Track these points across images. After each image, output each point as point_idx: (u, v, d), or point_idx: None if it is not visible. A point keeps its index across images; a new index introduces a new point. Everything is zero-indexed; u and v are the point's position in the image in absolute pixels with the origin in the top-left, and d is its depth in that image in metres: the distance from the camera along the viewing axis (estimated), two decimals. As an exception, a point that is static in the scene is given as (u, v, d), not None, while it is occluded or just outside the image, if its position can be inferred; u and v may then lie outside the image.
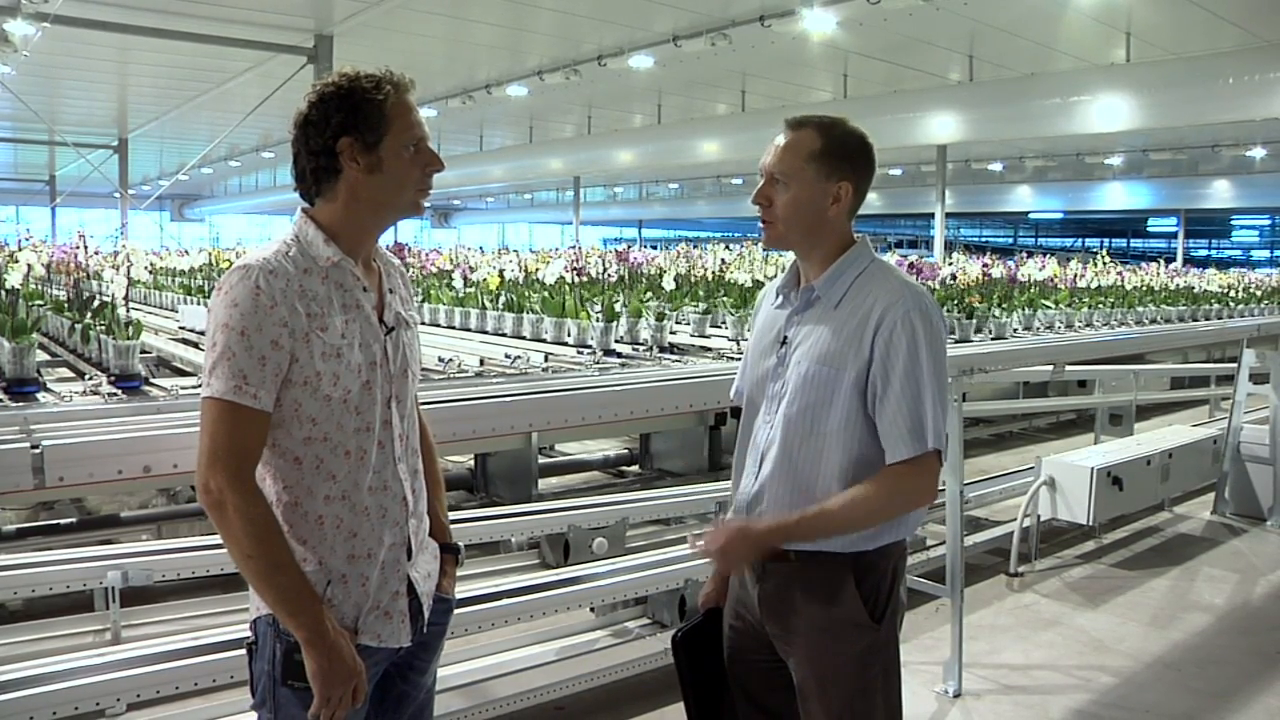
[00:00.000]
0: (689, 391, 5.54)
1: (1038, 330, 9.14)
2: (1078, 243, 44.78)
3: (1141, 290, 12.53)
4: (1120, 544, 6.10)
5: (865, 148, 2.15)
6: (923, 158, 22.76)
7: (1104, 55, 13.37)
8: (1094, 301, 10.67)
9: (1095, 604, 5.10)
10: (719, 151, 18.82)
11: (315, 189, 1.90)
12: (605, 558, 4.45)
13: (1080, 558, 5.83)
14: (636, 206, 43.18)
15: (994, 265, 10.99)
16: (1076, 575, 5.54)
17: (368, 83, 1.86)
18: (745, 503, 2.19)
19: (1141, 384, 8.40)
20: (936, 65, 15.17)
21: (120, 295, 5.73)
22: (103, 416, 4.29)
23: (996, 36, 13.24)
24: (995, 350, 7.62)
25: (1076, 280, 11.54)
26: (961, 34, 13.41)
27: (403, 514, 1.96)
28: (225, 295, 1.79)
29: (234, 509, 1.74)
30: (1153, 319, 10.86)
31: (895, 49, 14.05)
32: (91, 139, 21.86)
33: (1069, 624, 4.83)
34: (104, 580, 3.53)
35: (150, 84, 17.82)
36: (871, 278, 2.11)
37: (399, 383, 1.96)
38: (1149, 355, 10.18)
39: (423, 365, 2.59)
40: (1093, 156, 24.58)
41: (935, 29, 12.83)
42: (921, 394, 2.01)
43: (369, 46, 13.70)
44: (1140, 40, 12.94)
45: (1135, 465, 6.01)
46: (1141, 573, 5.58)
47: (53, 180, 30.57)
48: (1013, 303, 9.51)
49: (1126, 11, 12.05)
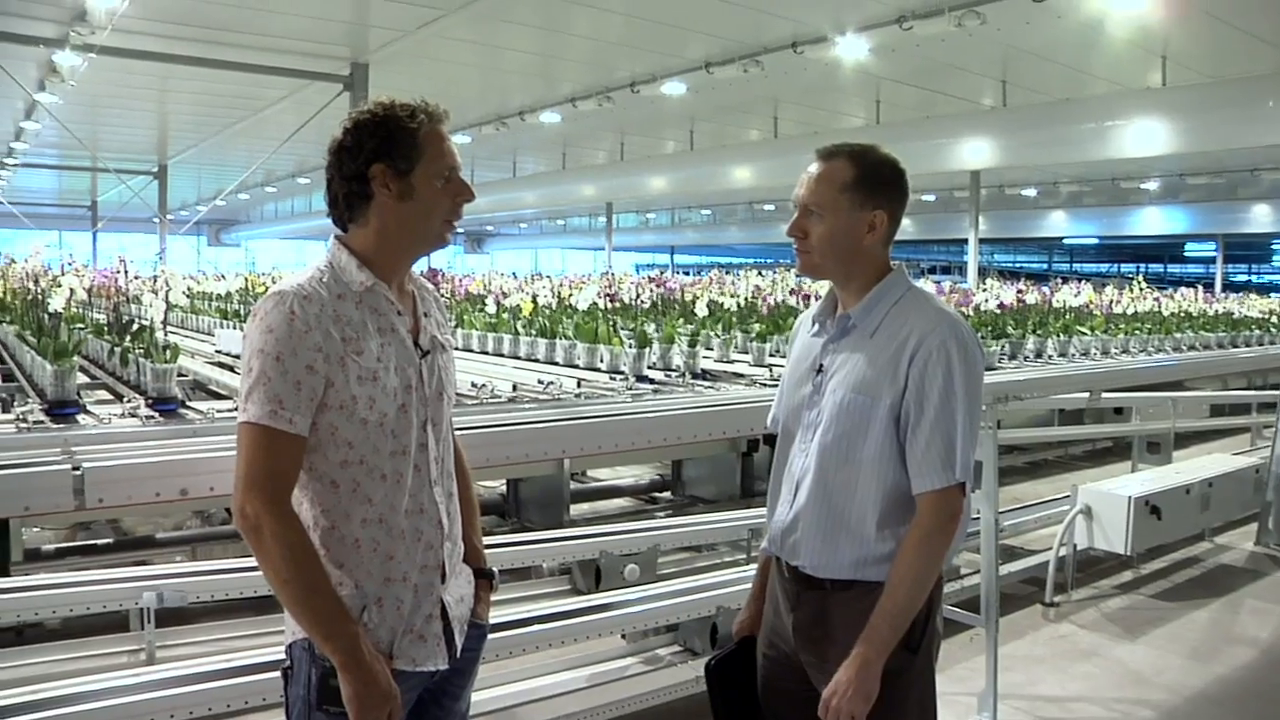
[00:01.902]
0: (722, 418, 5.53)
1: (1073, 357, 9.06)
2: (1113, 268, 44.42)
3: (1179, 316, 12.39)
4: (1159, 574, 6.00)
5: (899, 175, 2.15)
6: (956, 183, 22.70)
7: (1140, 79, 13.29)
8: (1130, 328, 10.57)
9: (1134, 636, 5.01)
10: (751, 177, 18.85)
11: (347, 214, 1.92)
12: (637, 584, 4.44)
13: (1118, 588, 5.74)
14: (669, 232, 43.29)
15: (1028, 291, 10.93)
16: (1114, 606, 5.45)
17: (402, 111, 1.88)
18: (780, 531, 2.19)
19: (1180, 411, 8.28)
20: (970, 90, 15.13)
21: (159, 319, 5.81)
22: (140, 439, 4.35)
23: (1030, 61, 13.20)
24: (1031, 377, 7.56)
25: (1112, 306, 11.45)
26: (995, 59, 13.38)
27: (438, 537, 1.96)
28: (260, 321, 1.82)
29: (270, 533, 1.76)
30: (1191, 345, 10.73)
31: (928, 74, 14.03)
32: (132, 165, 22.28)
33: (1107, 655, 4.75)
34: (139, 601, 3.57)
35: (190, 112, 18.14)
36: (908, 305, 2.11)
37: (434, 406, 1.97)
38: (1188, 382, 10.05)
39: (457, 390, 2.60)
40: (1128, 181, 24.40)
41: (968, 54, 12.81)
42: (954, 425, 2.01)
43: (404, 74, 13.85)
44: (1177, 64, 12.83)
45: (1174, 494, 5.92)
46: (1182, 604, 5.49)
47: (94, 205, 31.15)
48: (1048, 329, 9.43)
49: (1163, 35, 11.96)
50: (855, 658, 1.99)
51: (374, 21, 12.14)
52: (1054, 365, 8.57)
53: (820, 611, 2.13)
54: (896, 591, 2.01)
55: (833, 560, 2.10)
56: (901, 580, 2.01)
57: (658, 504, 6.98)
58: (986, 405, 4.49)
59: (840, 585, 2.09)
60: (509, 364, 7.25)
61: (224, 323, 9.61)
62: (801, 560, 2.14)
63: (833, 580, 2.10)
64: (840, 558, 2.09)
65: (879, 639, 1.99)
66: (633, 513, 6.74)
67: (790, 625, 2.18)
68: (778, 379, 2.38)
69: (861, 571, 2.07)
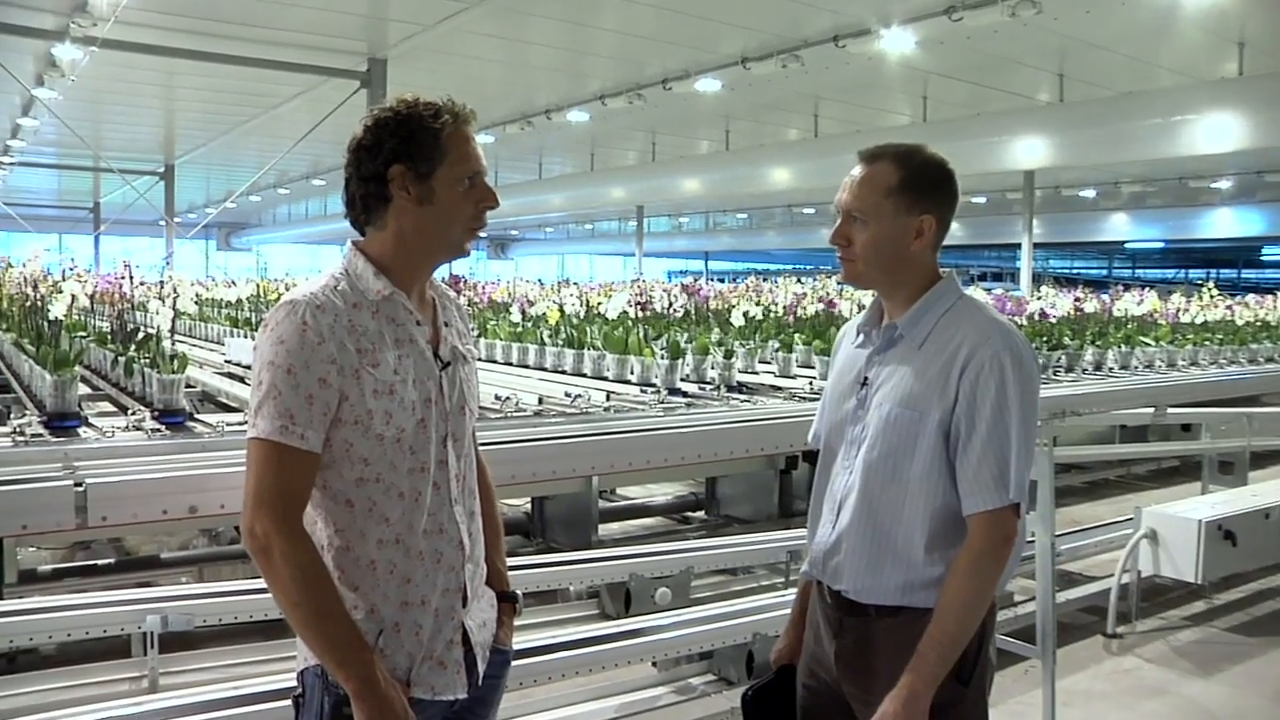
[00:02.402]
0: (759, 433, 5.52)
1: (1136, 369, 8.98)
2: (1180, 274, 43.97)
3: (1255, 325, 12.23)
4: (1235, 606, 5.90)
5: (947, 176, 2.14)
6: (1008, 184, 22.56)
7: (1212, 69, 13.15)
8: (1199, 338, 10.45)
9: (1208, 672, 4.92)
10: (790, 179, 18.83)
11: (364, 217, 1.93)
12: (669, 609, 4.43)
13: (1188, 620, 5.66)
14: (702, 237, 43.30)
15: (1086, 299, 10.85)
16: (1184, 639, 5.37)
17: (426, 110, 1.89)
18: (822, 553, 2.18)
19: (1256, 429, 8.17)
20: (1024, 85, 15.06)
21: (165, 327, 5.86)
22: (146, 453, 4.39)
23: (1089, 53, 13.11)
24: (1090, 391, 7.50)
25: (1179, 315, 11.33)
26: (1051, 51, 13.31)
27: (459, 559, 1.97)
28: (271, 332, 1.83)
29: (281, 554, 1.76)
30: (1269, 357, 10.59)
31: (979, 69, 13.98)
32: (137, 165, 22.56)
33: (1177, 693, 4.68)
34: (142, 624, 3.58)
35: (198, 109, 18.37)
36: (958, 315, 2.10)
37: (455, 420, 1.98)
38: (1264, 397, 9.92)
39: (480, 403, 2.61)
40: (1197, 180, 24.14)
41: (1022, 47, 12.75)
42: (1008, 441, 2.00)
43: (424, 70, 13.96)
44: (1256, 51, 12.62)
45: (1251, 518, 5.81)
46: (1262, 640, 5.37)
47: (97, 208, 31.59)
48: (1108, 339, 9.36)
49: (1239, 20, 11.77)
50: (902, 689, 1.97)
51: (393, 15, 12.26)
52: (1115, 378, 8.50)
53: (864, 639, 2.12)
54: (946, 619, 2.00)
55: (878, 585, 2.09)
56: (951, 607, 2.00)
57: (691, 524, 6.97)
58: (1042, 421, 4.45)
59: (886, 611, 2.08)
60: (534, 375, 7.28)
61: (234, 331, 9.70)
62: (844, 584, 2.14)
63: (878, 606, 2.09)
64: (886, 582, 2.08)
65: (927, 669, 1.98)
66: (664, 533, 6.74)
67: (832, 654, 2.17)
68: (818, 392, 2.37)
69: (908, 597, 2.06)
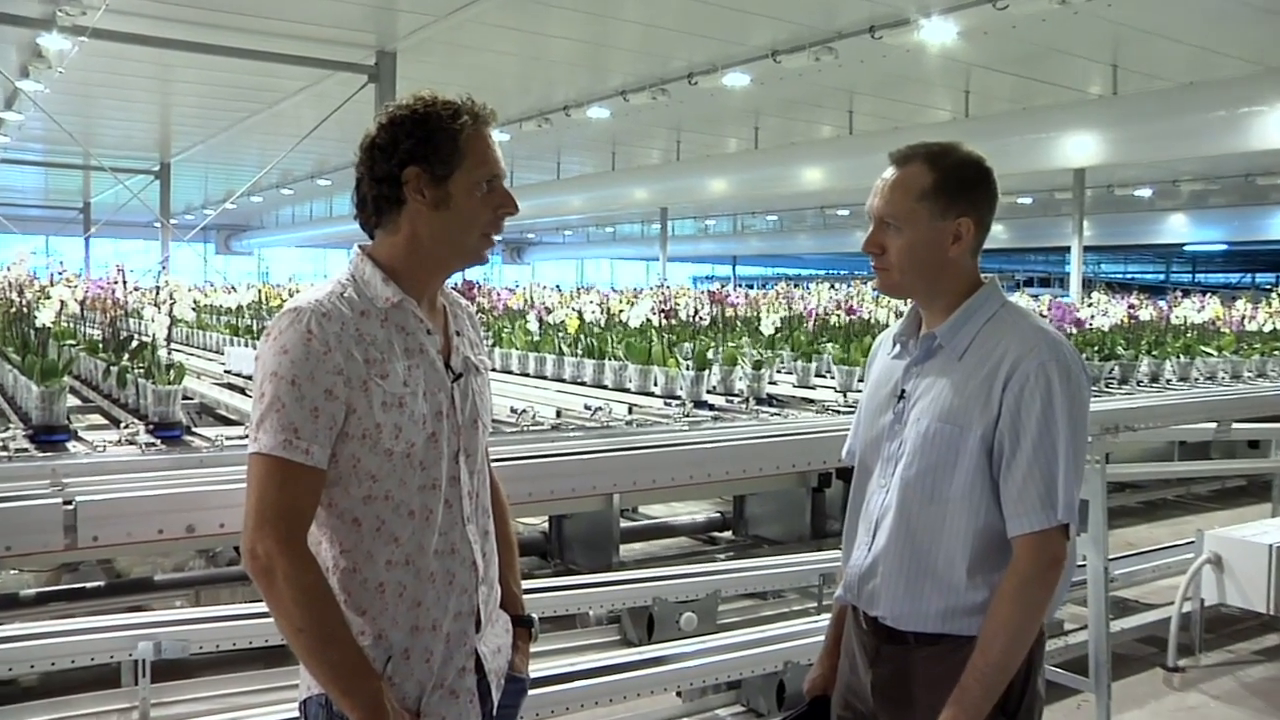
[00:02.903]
0: (790, 449, 5.52)
1: (1196, 381, 8.92)
2: (1245, 279, 43.67)
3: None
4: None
5: (984, 175, 2.15)
6: (1057, 183, 22.45)
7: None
8: (1267, 348, 10.37)
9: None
10: (823, 179, 18.79)
11: (375, 219, 1.94)
12: (694, 635, 4.43)
13: (1260, 654, 5.57)
14: (730, 240, 43.30)
15: (1142, 306, 10.79)
16: (1256, 675, 5.29)
17: (444, 109, 1.90)
18: (857, 577, 2.18)
19: (1333, 446, 8.10)
20: (1074, 77, 14.99)
21: (161, 335, 5.90)
22: (140, 469, 4.42)
23: (1146, 42, 13.01)
24: (1145, 404, 7.46)
25: (1244, 322, 11.25)
26: (1104, 40, 13.23)
27: (472, 581, 1.98)
28: (274, 341, 1.84)
29: (284, 576, 1.77)
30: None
31: (1026, 60, 13.94)
32: (130, 164, 22.69)
33: (1245, 733, 4.63)
34: (133, 652, 3.57)
35: (195, 104, 18.46)
36: (1001, 324, 2.10)
37: (468, 434, 1.99)
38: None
39: (495, 417, 2.62)
40: (1266, 177, 23.87)
41: (1073, 36, 12.69)
42: (1055, 458, 1.99)
43: (435, 64, 14.03)
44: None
45: (1326, 543, 5.76)
46: (1339, 676, 5.32)
47: (87, 208, 31.80)
48: (1165, 349, 9.31)
49: (1313, 1, 11.59)
50: None
51: (402, 5, 12.31)
52: (1173, 391, 8.46)
53: (903, 668, 2.11)
54: (990, 647, 1.99)
55: (917, 610, 2.09)
56: (996, 634, 1.99)
57: (718, 545, 6.97)
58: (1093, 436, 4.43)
59: (925, 639, 2.08)
60: (552, 387, 7.30)
61: (234, 339, 9.77)
62: (881, 610, 2.13)
63: (917, 633, 2.09)
64: (925, 608, 2.08)
65: (970, 701, 1.97)
66: (690, 554, 6.74)
67: (869, 684, 2.17)
68: (853, 405, 2.37)
69: (950, 624, 2.06)
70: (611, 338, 8.06)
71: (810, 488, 6.39)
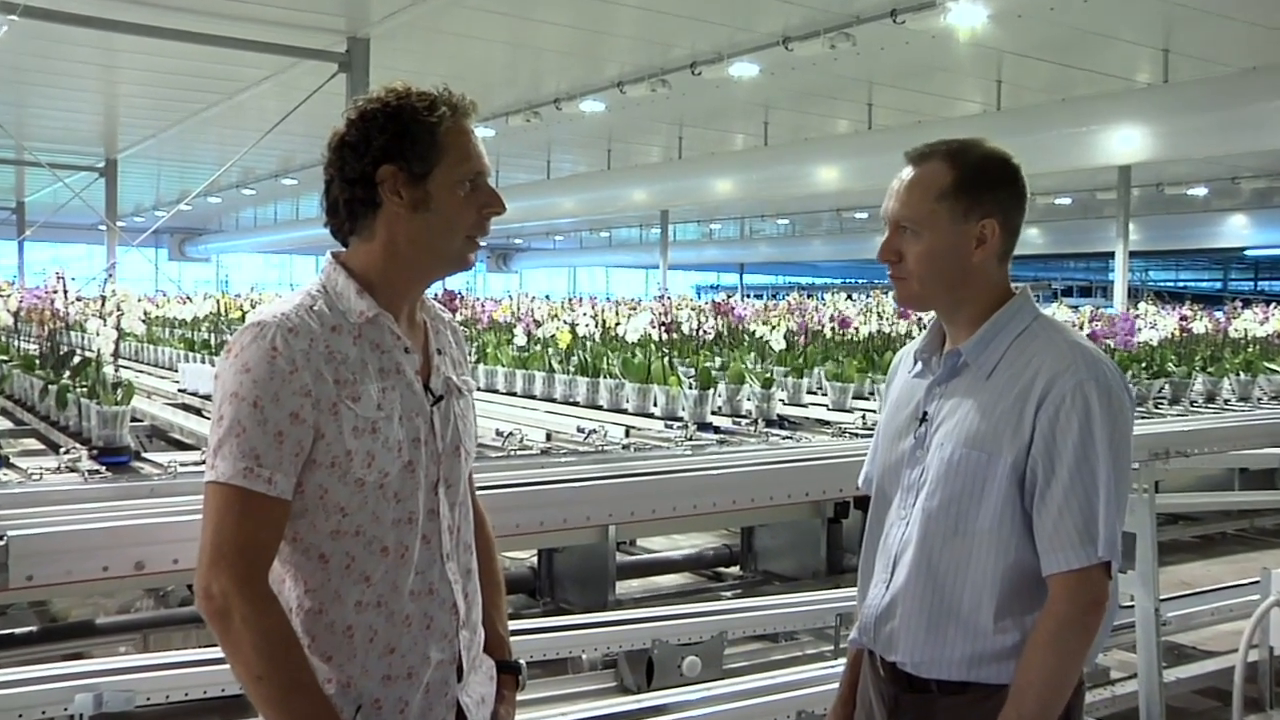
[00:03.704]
0: (803, 475, 5.52)
1: (1259, 401, 8.92)
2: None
3: None
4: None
5: (1010, 173, 2.16)
6: (1100, 182, 22.51)
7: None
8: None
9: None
10: (839, 179, 18.79)
11: (348, 225, 1.95)
12: (698, 681, 4.42)
13: (1340, 711, 5.55)
14: (737, 247, 43.39)
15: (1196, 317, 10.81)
16: (1334, 734, 5.28)
17: (420, 102, 1.91)
18: (874, 618, 2.18)
19: None
20: (1119, 64, 14.99)
21: (108, 350, 5.89)
22: (82, 500, 4.39)
23: (1203, 23, 12.92)
24: (1200, 427, 7.45)
25: (1316, 336, 11.24)
26: (1154, 23, 13.23)
27: (452, 624, 1.98)
28: (235, 358, 1.84)
29: (241, 619, 1.77)
30: None
31: (1065, 46, 13.95)
32: (71, 159, 22.54)
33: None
34: (70, 705, 3.48)
35: (145, 94, 18.38)
36: (1033, 339, 2.11)
37: (449, 463, 2.00)
38: None
39: (478, 440, 2.63)
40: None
41: (1118, 19, 12.70)
42: (1095, 488, 1.99)
43: (413, 52, 14.05)
44: None
45: None
46: None
47: (21, 208, 31.67)
48: (1222, 365, 9.32)
49: None
50: None
51: (376, -13, 12.34)
52: (1233, 412, 8.45)
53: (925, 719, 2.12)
54: (1023, 699, 2.00)
55: (940, 656, 2.09)
56: (1030, 684, 1.99)
57: (724, 581, 6.97)
58: (1140, 463, 4.44)
59: (950, 688, 2.08)
60: (542, 407, 7.31)
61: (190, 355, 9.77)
62: (900, 655, 2.14)
63: (940, 681, 2.09)
64: (949, 653, 2.08)
65: None
66: (693, 592, 6.73)
67: (888, 737, 2.17)
68: (871, 427, 2.38)
69: (977, 671, 2.06)
70: (607, 353, 8.07)
71: (826, 518, 6.38)
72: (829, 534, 6.47)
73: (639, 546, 7.18)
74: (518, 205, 24.00)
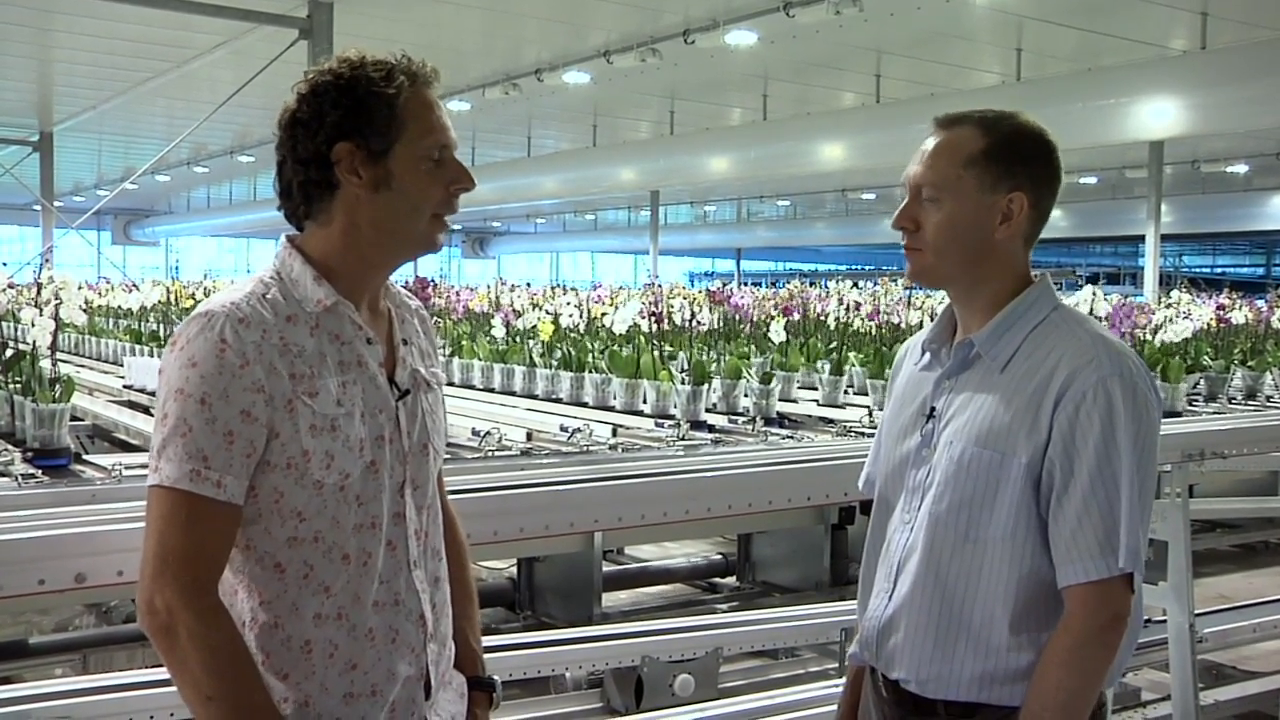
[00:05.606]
0: (805, 478, 5.53)
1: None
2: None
3: None
4: None
5: (1046, 150, 2.16)
6: (1129, 159, 22.56)
7: None
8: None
9: None
10: (844, 157, 18.82)
11: (304, 208, 1.94)
12: (691, 702, 4.44)
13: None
14: (733, 230, 43.43)
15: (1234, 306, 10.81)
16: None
17: (375, 71, 1.90)
18: (875, 632, 2.19)
19: None
20: (1152, 29, 14.98)
21: (44, 343, 5.87)
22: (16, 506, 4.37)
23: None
24: (1238, 426, 7.47)
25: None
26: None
27: (420, 637, 1.99)
28: (180, 351, 1.83)
29: (189, 635, 1.76)
30: None
31: (1091, 10, 13.98)
32: (1, 132, 22.45)
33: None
34: None
35: (85, 61, 18.27)
36: (1053, 330, 2.10)
37: (415, 463, 2.00)
38: None
39: (450, 440, 2.63)
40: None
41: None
42: (1117, 493, 1.99)
43: (380, 18, 14.04)
44: None
45: None
46: None
47: (-57, 186, 31.59)
48: (1264, 359, 9.33)
49: None
50: None
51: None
52: (1275, 409, 8.47)
53: (934, 745, 2.13)
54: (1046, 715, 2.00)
55: (948, 674, 2.10)
56: (1046, 706, 2.00)
57: (719, 593, 6.98)
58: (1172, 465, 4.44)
59: (959, 709, 2.09)
60: (522, 405, 7.30)
61: (136, 348, 9.74)
62: (904, 673, 2.14)
63: (948, 701, 2.09)
64: (958, 671, 2.09)
65: None
66: (685, 604, 6.76)
67: (894, 762, 2.19)
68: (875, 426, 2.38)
69: (988, 691, 2.07)
70: (593, 346, 8.06)
71: (829, 525, 6.41)
72: (833, 542, 6.50)
73: (627, 555, 7.20)
74: (495, 185, 24.13)
